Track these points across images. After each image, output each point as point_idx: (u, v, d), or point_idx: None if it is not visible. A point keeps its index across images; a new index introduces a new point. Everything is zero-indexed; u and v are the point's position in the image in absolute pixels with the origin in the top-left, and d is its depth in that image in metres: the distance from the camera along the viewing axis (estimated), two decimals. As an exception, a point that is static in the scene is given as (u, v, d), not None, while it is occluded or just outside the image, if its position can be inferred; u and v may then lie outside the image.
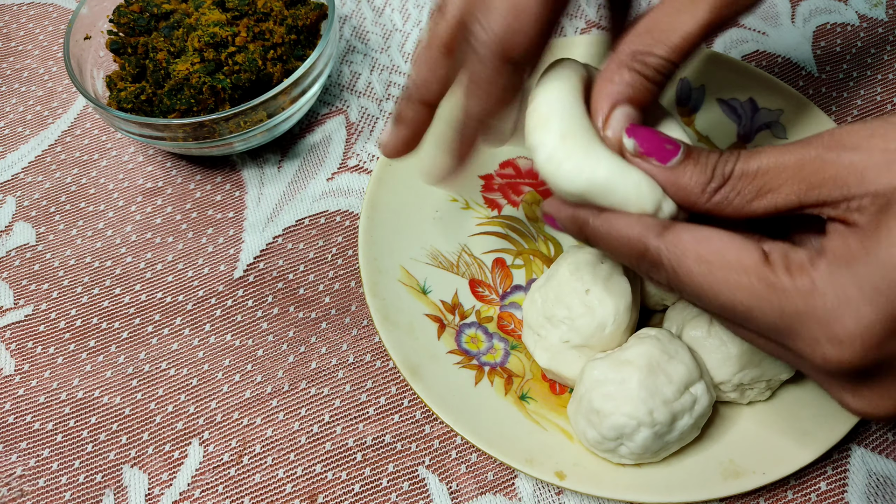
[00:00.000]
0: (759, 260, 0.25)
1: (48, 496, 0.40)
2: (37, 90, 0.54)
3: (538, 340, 0.38)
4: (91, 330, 0.44)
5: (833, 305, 0.23)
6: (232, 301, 0.45)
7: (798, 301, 0.24)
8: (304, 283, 0.45)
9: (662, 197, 0.28)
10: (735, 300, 0.25)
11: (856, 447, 0.39)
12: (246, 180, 0.49)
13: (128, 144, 0.51)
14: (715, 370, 0.36)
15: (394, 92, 0.52)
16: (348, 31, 0.55)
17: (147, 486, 0.39)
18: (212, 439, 0.41)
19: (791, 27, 0.54)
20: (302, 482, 0.39)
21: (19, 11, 0.58)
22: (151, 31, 0.47)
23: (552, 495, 0.38)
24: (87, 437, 0.41)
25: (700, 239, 0.26)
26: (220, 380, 0.42)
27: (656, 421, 0.33)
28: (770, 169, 0.25)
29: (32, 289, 0.46)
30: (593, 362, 0.36)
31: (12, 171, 0.51)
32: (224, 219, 0.48)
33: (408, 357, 0.39)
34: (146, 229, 0.48)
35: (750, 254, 0.25)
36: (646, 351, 0.35)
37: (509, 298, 0.43)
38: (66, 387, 0.43)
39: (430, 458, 0.39)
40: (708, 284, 0.25)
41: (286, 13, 0.47)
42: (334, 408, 0.41)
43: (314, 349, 0.43)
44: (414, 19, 0.56)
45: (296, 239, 0.47)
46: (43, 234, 0.48)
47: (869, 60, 0.52)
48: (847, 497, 0.37)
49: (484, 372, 0.40)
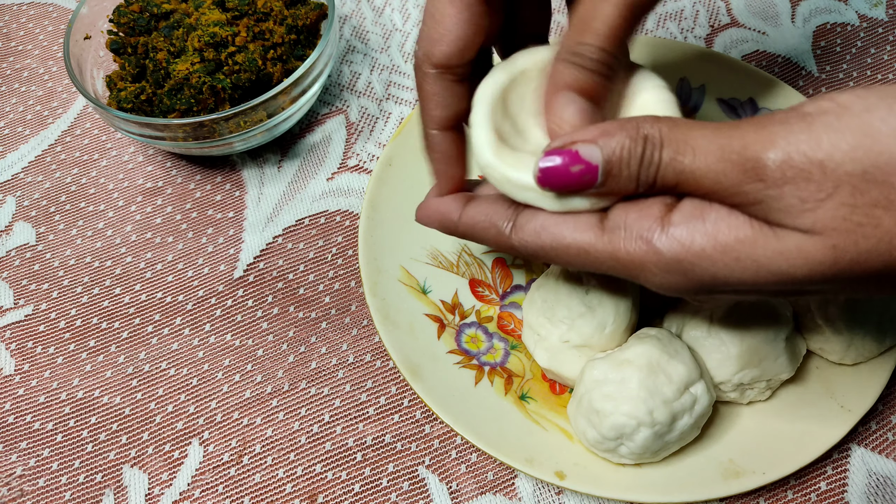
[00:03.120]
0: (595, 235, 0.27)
1: (48, 496, 0.40)
2: (37, 90, 0.54)
3: (538, 340, 0.38)
4: (91, 330, 0.44)
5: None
6: (232, 301, 0.45)
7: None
8: (304, 282, 0.45)
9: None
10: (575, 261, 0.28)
11: (856, 447, 0.39)
12: (246, 180, 0.49)
13: (128, 144, 0.51)
14: (715, 370, 0.36)
15: (394, 92, 0.52)
16: (348, 31, 0.55)
17: (147, 486, 0.39)
18: (212, 439, 0.41)
19: (791, 27, 0.54)
20: (302, 482, 0.39)
21: (19, 11, 0.58)
22: (151, 30, 0.47)
23: (552, 495, 0.38)
24: (87, 437, 0.41)
25: (540, 229, 0.29)
26: (220, 380, 0.42)
27: (656, 421, 0.33)
28: (689, 179, 0.26)
29: (32, 289, 0.46)
30: (593, 362, 0.36)
31: (12, 171, 0.51)
32: (224, 219, 0.48)
33: (408, 357, 0.39)
34: (146, 229, 0.48)
35: (586, 233, 0.28)
36: (646, 351, 0.35)
37: (509, 298, 0.43)
38: (66, 387, 0.43)
39: (430, 458, 0.39)
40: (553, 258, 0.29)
41: (286, 13, 0.47)
42: (334, 408, 0.41)
43: (314, 349, 0.43)
44: (414, 19, 0.56)
45: (296, 239, 0.47)
46: (43, 233, 0.48)
47: (869, 60, 0.52)
48: (847, 497, 0.37)
49: (484, 372, 0.40)
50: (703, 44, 0.53)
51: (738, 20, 0.55)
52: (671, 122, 0.26)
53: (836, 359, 0.38)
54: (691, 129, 0.26)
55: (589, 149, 0.26)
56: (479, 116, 0.30)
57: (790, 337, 0.36)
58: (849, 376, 0.38)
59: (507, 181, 0.29)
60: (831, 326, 0.36)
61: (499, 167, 0.29)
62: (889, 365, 0.37)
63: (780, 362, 0.36)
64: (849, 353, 0.37)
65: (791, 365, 0.36)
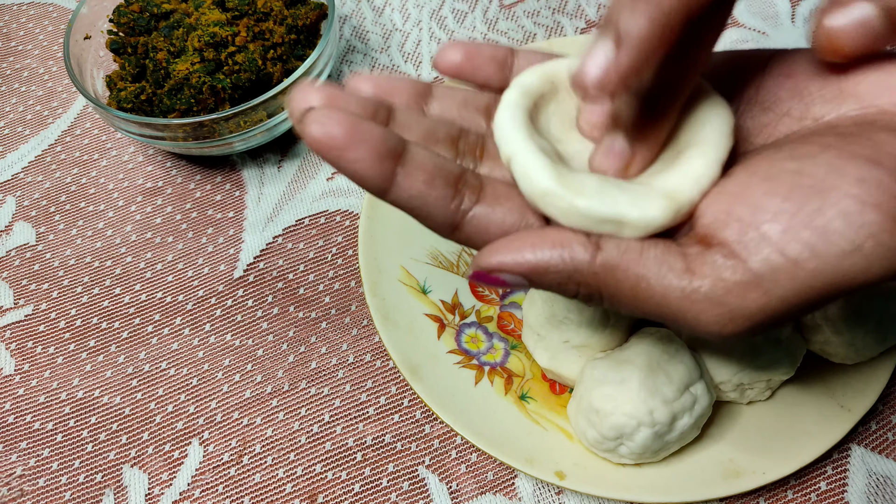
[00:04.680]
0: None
1: (48, 496, 0.40)
2: (37, 90, 0.54)
3: (538, 340, 0.38)
4: (91, 330, 0.44)
5: None
6: (232, 301, 0.45)
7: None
8: (304, 282, 0.45)
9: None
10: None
11: (856, 447, 0.39)
12: (246, 180, 0.49)
13: (128, 144, 0.51)
14: (715, 370, 0.36)
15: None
16: (348, 31, 0.55)
17: (147, 486, 0.39)
18: (212, 439, 0.41)
19: (791, 27, 0.54)
20: (302, 482, 0.39)
21: (19, 11, 0.58)
22: (151, 30, 0.47)
23: (552, 495, 0.38)
24: (87, 436, 0.41)
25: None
26: (220, 379, 0.42)
27: (656, 421, 0.33)
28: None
29: (32, 289, 0.46)
30: (593, 362, 0.36)
31: (12, 170, 0.51)
32: (224, 219, 0.48)
33: (408, 357, 0.39)
34: (146, 229, 0.48)
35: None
36: (646, 350, 0.35)
37: (509, 298, 0.43)
38: (66, 387, 0.43)
39: (430, 457, 0.39)
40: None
41: (286, 13, 0.47)
42: (334, 407, 0.41)
43: (314, 349, 0.43)
44: (414, 19, 0.56)
45: (296, 239, 0.47)
46: (43, 233, 0.48)
47: (869, 60, 0.52)
48: (847, 497, 0.37)
49: (484, 372, 0.40)
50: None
51: (738, 20, 0.55)
52: (610, 267, 0.23)
53: (835, 359, 0.38)
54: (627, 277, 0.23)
55: (512, 277, 0.24)
56: (515, 138, 0.25)
57: (790, 337, 0.36)
58: (849, 376, 0.38)
59: (576, 213, 0.23)
60: (831, 326, 0.36)
61: (566, 196, 0.23)
62: (889, 365, 0.37)
63: (780, 362, 0.36)
64: (849, 353, 0.37)
65: (791, 365, 0.36)
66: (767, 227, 0.22)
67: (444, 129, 0.26)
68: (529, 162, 0.24)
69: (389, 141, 0.23)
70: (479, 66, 0.28)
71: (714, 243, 0.23)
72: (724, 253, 0.22)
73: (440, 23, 0.56)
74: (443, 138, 0.26)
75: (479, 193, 0.25)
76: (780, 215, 0.22)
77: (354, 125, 0.23)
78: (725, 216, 0.23)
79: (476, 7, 0.56)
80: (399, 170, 0.23)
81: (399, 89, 0.27)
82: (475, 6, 0.56)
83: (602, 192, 0.24)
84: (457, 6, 0.56)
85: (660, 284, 0.23)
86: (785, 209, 0.22)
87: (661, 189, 0.24)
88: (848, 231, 0.21)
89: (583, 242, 0.23)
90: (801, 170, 0.22)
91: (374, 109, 0.25)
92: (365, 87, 0.27)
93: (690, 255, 0.23)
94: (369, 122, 0.23)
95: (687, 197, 0.24)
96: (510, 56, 0.29)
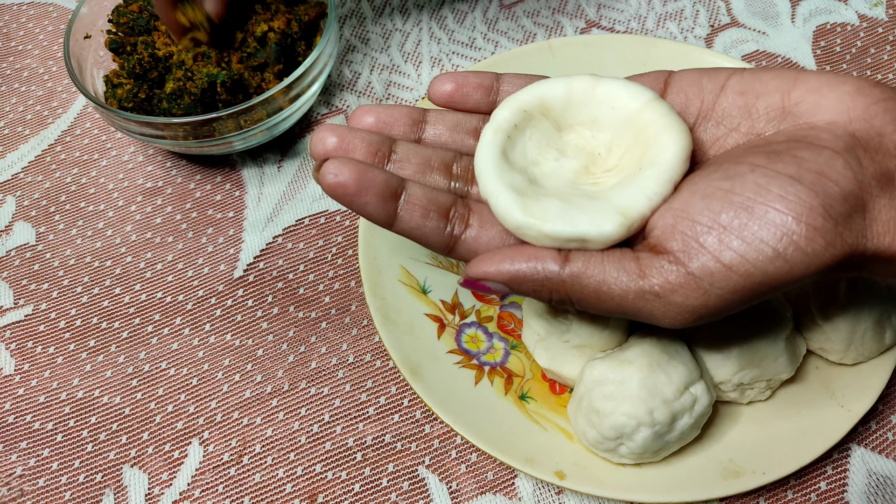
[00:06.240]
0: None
1: (48, 496, 0.40)
2: (37, 90, 0.54)
3: (538, 340, 0.38)
4: (91, 330, 0.44)
5: None
6: (232, 301, 0.45)
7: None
8: (304, 282, 0.45)
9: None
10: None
11: (856, 447, 0.39)
12: (246, 180, 0.49)
13: (128, 144, 0.51)
14: (715, 370, 0.36)
15: (394, 92, 0.52)
16: (348, 31, 0.55)
17: (147, 486, 0.39)
18: (212, 439, 0.41)
19: (791, 27, 0.54)
20: (302, 482, 0.39)
21: (19, 11, 0.58)
22: (151, 30, 0.47)
23: (552, 495, 0.38)
24: (87, 436, 0.41)
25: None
26: (220, 379, 0.42)
27: (656, 421, 0.33)
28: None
29: (32, 289, 0.46)
30: (593, 362, 0.36)
31: (12, 170, 0.51)
32: (224, 218, 0.48)
33: (408, 357, 0.39)
34: (146, 229, 0.48)
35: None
36: (646, 350, 0.35)
37: (509, 298, 0.43)
38: (66, 387, 0.43)
39: (430, 457, 0.39)
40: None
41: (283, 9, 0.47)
42: (334, 407, 0.41)
43: (314, 349, 0.43)
44: (414, 19, 0.56)
45: (296, 239, 0.47)
46: (43, 233, 0.48)
47: (869, 60, 0.52)
48: (847, 497, 0.37)
49: (484, 372, 0.40)
50: (703, 44, 0.53)
51: (738, 20, 0.55)
52: (577, 279, 0.28)
53: (836, 359, 0.38)
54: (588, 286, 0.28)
55: (495, 284, 0.29)
56: (490, 182, 0.29)
57: (790, 337, 0.36)
58: (849, 376, 0.38)
59: (545, 237, 0.28)
60: (831, 326, 0.36)
61: (535, 225, 0.28)
62: (889, 365, 0.37)
63: (780, 362, 0.36)
64: (849, 353, 0.37)
65: (791, 365, 0.36)
66: (704, 238, 0.26)
67: (438, 157, 0.31)
68: (501, 203, 0.29)
69: (391, 183, 0.29)
70: (467, 93, 0.33)
71: (662, 251, 0.27)
72: (670, 259, 0.26)
73: (440, 23, 0.56)
74: (438, 165, 0.31)
75: (468, 220, 0.30)
76: (714, 228, 0.26)
77: (362, 173, 0.28)
78: (671, 229, 0.27)
79: (476, 7, 0.56)
80: (400, 206, 0.29)
81: (397, 118, 0.32)
82: (475, 6, 0.56)
83: (564, 216, 0.28)
84: (457, 6, 0.56)
85: (618, 286, 0.27)
86: (719, 223, 0.26)
87: (618, 205, 0.28)
88: (772, 240, 0.25)
89: (554, 256, 0.28)
90: (732, 188, 0.26)
91: (378, 147, 0.30)
92: (368, 119, 0.32)
93: (643, 260, 0.27)
94: (373, 169, 0.29)
95: (638, 213, 0.28)
96: (495, 81, 0.33)
